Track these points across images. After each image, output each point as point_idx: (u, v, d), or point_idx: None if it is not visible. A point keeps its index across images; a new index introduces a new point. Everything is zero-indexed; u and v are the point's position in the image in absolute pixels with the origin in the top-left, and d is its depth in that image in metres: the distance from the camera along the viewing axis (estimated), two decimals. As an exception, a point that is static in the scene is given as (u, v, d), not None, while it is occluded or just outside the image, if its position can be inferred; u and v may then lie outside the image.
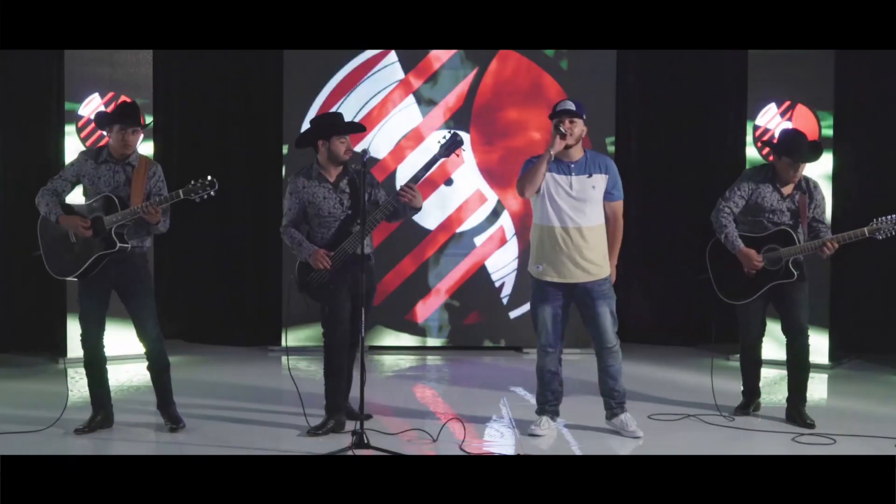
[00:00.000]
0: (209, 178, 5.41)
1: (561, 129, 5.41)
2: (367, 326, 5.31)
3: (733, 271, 5.86)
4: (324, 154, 5.56)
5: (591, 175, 5.50)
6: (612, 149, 8.30)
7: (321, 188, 5.55)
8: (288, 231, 5.62)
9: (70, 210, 5.52)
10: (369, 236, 5.63)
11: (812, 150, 5.89)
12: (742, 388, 6.15)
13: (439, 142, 5.63)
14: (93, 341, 5.58)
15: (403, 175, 8.05)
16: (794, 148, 5.76)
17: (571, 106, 5.49)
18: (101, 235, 5.41)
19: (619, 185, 5.62)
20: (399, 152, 8.22)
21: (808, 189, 5.85)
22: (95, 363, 5.61)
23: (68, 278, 5.59)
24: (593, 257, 5.51)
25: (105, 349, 5.65)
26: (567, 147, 5.45)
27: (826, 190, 7.50)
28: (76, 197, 5.69)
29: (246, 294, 8.82)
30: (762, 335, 6.07)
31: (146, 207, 5.36)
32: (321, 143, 5.55)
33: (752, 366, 6.10)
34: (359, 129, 5.91)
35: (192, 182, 5.42)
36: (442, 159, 5.62)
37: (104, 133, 5.71)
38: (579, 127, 5.47)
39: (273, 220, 8.47)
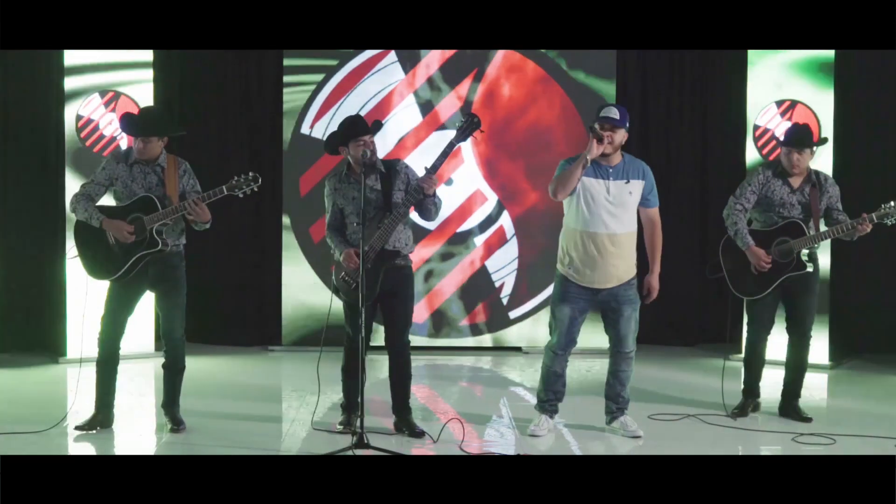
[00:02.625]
0: (251, 173, 5.46)
1: (598, 131, 5.33)
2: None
3: (746, 267, 5.87)
4: (348, 157, 5.54)
5: (628, 181, 5.43)
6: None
7: (350, 188, 5.52)
8: (328, 231, 5.62)
9: (109, 212, 5.48)
10: (407, 232, 5.54)
11: (810, 139, 5.90)
12: (742, 386, 6.14)
13: (457, 125, 5.56)
14: (112, 341, 5.55)
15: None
16: (791, 136, 5.85)
17: (615, 115, 5.37)
18: (142, 236, 5.41)
19: (655, 191, 5.56)
20: (399, 152, 8.22)
21: (818, 182, 5.88)
22: (110, 363, 5.59)
23: (109, 280, 5.51)
24: (622, 263, 5.46)
25: (119, 352, 5.64)
26: (604, 154, 5.39)
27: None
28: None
29: (246, 294, 8.82)
30: (769, 331, 6.04)
31: (189, 205, 5.36)
32: (342, 147, 5.54)
33: (755, 363, 6.07)
34: (373, 130, 5.59)
35: (236, 178, 5.44)
36: (459, 144, 5.51)
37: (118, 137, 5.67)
38: (620, 135, 5.39)
39: (273, 220, 8.50)
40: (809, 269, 5.81)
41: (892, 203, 5.64)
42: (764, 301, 5.90)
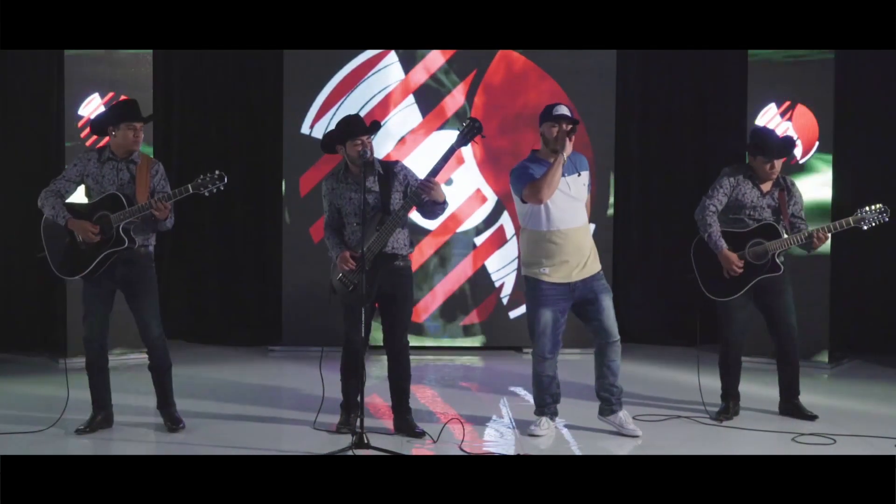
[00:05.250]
0: (217, 171, 5.45)
1: (566, 130, 5.41)
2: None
3: (719, 268, 5.87)
4: (345, 157, 5.52)
5: (580, 174, 5.55)
6: (611, 149, 8.33)
7: (348, 188, 5.51)
8: (326, 231, 5.61)
9: (75, 210, 5.49)
10: (405, 234, 5.54)
11: (784, 146, 5.95)
12: (721, 391, 6.07)
13: (459, 129, 5.56)
14: (95, 343, 5.57)
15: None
16: (766, 146, 5.84)
17: (568, 112, 5.50)
18: (108, 234, 5.41)
19: (590, 179, 5.70)
20: (399, 152, 8.22)
21: (786, 185, 5.91)
22: (97, 365, 5.60)
23: (75, 278, 5.55)
24: (591, 253, 5.56)
25: (107, 350, 5.64)
26: (556, 151, 5.44)
27: (826, 190, 7.54)
28: (78, 197, 5.66)
29: (246, 294, 8.83)
30: (746, 332, 6.04)
31: (155, 203, 5.36)
32: (339, 147, 5.53)
33: (733, 366, 6.04)
34: (370, 130, 5.59)
35: (201, 176, 5.45)
36: (460, 147, 5.50)
37: (101, 136, 5.67)
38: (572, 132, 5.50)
39: (272, 220, 8.50)
40: (782, 269, 5.82)
41: (868, 208, 5.65)
42: (737, 303, 5.89)
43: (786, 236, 5.79)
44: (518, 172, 5.55)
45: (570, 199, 5.49)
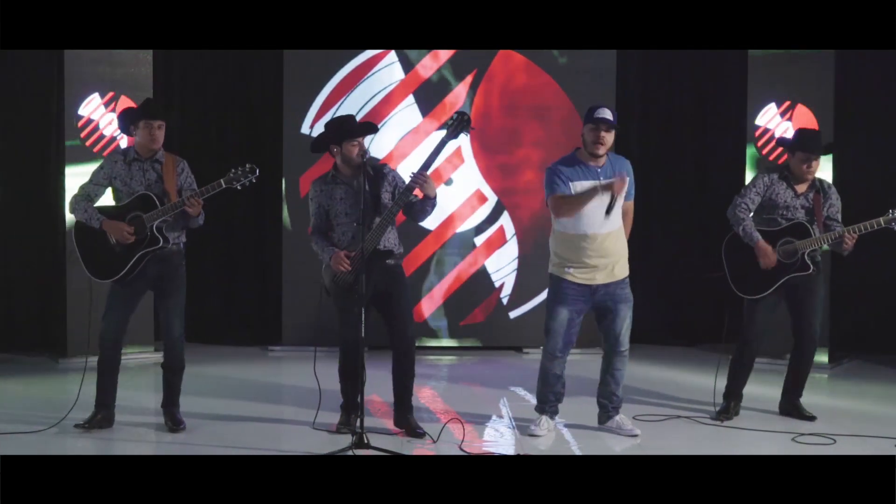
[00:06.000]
0: (248, 165, 5.48)
1: (613, 192, 5.29)
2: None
3: (749, 265, 5.86)
4: (338, 158, 5.52)
5: None
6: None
7: (338, 189, 5.51)
8: (313, 237, 5.59)
9: (107, 212, 5.49)
10: (395, 233, 5.55)
11: (827, 146, 6.00)
12: (725, 389, 6.06)
13: (447, 123, 5.55)
14: (114, 341, 5.57)
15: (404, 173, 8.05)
16: (809, 142, 5.82)
17: (610, 116, 5.41)
18: (142, 235, 5.41)
19: (633, 184, 5.60)
20: (399, 152, 8.23)
21: (822, 188, 5.88)
22: (110, 363, 5.60)
23: (113, 280, 5.51)
24: (621, 259, 5.52)
25: (121, 350, 5.65)
26: (596, 156, 5.43)
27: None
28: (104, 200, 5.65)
29: (246, 294, 8.83)
30: (763, 332, 6.03)
31: (187, 199, 5.37)
32: (334, 147, 5.52)
33: (745, 365, 6.03)
34: (370, 130, 5.72)
35: (233, 170, 5.47)
36: (450, 142, 5.50)
37: (126, 134, 5.69)
38: (611, 136, 5.45)
39: (272, 220, 8.50)
40: (813, 270, 5.81)
41: None
42: (765, 301, 5.89)
43: (816, 235, 5.79)
44: (549, 176, 5.50)
45: (603, 205, 5.37)
